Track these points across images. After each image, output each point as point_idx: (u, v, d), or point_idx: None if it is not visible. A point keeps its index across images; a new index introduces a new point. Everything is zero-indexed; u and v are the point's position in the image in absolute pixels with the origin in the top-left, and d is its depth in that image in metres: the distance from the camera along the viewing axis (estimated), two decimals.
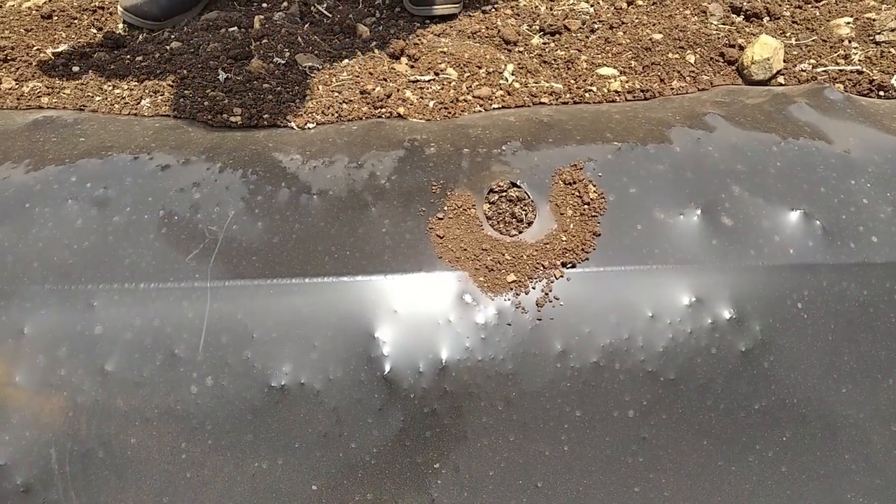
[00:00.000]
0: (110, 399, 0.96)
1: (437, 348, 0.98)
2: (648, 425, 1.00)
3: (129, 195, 1.10)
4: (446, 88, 1.45)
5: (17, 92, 1.46)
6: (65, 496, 0.96)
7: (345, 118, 1.34)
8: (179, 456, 0.97)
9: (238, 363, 0.98)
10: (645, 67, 1.51)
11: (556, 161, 1.14)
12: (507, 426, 0.99)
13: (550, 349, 1.00)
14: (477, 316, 1.00)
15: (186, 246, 1.04)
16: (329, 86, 1.43)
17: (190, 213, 1.08)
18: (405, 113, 1.36)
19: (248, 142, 1.23)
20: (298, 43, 1.53)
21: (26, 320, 0.99)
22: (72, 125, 1.30)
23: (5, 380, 0.96)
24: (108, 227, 1.06)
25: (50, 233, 1.05)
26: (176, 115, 1.35)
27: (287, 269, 1.02)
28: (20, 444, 0.95)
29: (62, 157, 1.17)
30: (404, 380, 0.97)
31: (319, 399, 0.97)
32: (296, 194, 1.11)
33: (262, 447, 0.97)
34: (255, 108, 1.35)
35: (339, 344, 0.98)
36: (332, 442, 0.97)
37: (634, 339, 1.01)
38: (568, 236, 1.05)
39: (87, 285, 1.00)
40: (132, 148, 1.19)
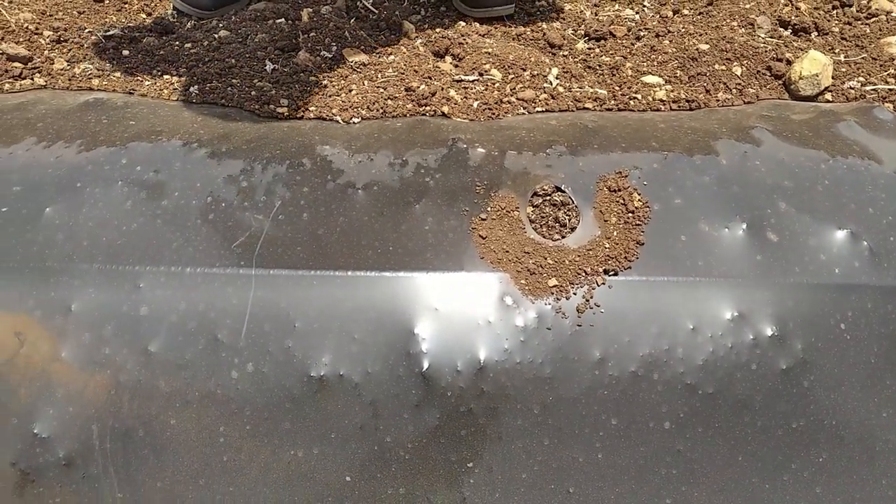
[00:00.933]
0: (152, 379, 0.98)
1: (476, 348, 0.99)
2: (684, 438, 1.00)
3: (177, 180, 1.11)
4: (490, 89, 1.45)
5: (68, 73, 1.49)
6: (104, 472, 0.98)
7: (389, 114, 1.35)
8: (217, 439, 0.98)
9: (279, 351, 0.99)
10: (691, 77, 1.50)
11: (601, 167, 1.14)
12: (543, 430, 0.99)
13: (589, 356, 1.00)
14: (517, 318, 1.00)
15: (233, 233, 1.06)
16: (374, 81, 1.44)
17: (237, 200, 1.09)
18: (449, 112, 1.37)
19: (295, 133, 1.24)
20: (345, 37, 1.54)
21: (74, 298, 1.00)
22: (122, 108, 1.32)
23: (52, 355, 0.98)
24: (156, 211, 1.07)
25: (100, 213, 1.07)
26: (224, 103, 1.37)
27: (330, 261, 1.03)
28: (63, 419, 0.97)
29: (113, 139, 1.19)
30: (442, 377, 0.98)
31: (357, 391, 0.98)
32: (341, 188, 1.12)
33: (298, 435, 0.98)
34: (301, 100, 1.37)
35: (378, 338, 0.99)
36: (367, 435, 0.98)
37: (674, 350, 1.00)
38: (611, 243, 1.05)
39: (134, 266, 1.02)
40: (181, 133, 1.21)
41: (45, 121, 1.25)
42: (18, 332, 0.99)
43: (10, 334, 0.98)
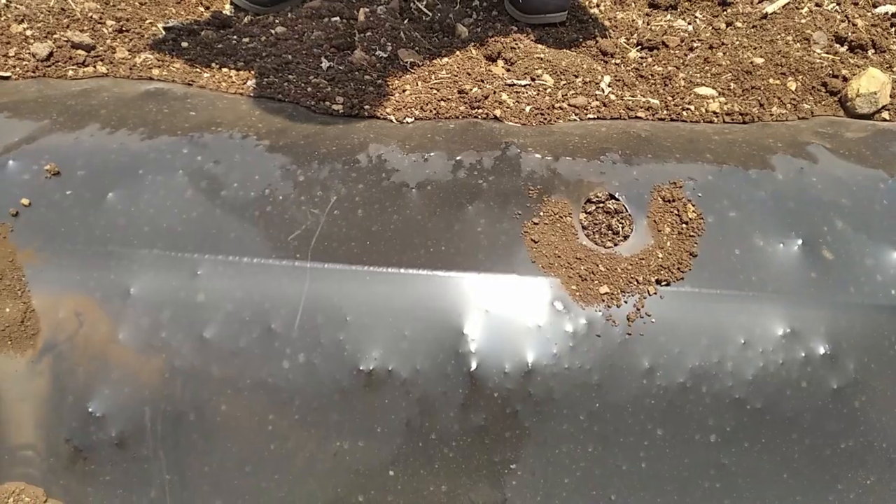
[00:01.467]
0: (206, 366, 1.00)
1: (525, 351, 0.99)
2: (729, 452, 1.00)
3: (237, 171, 1.13)
4: (542, 94, 1.46)
5: (129, 62, 1.52)
6: (154, 454, 1.00)
7: (442, 115, 1.36)
8: (266, 427, 1.00)
9: (330, 343, 1.00)
10: (745, 91, 1.49)
11: (655, 177, 1.14)
12: (588, 436, 0.99)
13: (638, 365, 0.99)
14: (567, 324, 1.00)
15: (289, 226, 1.07)
16: (428, 82, 1.45)
17: (294, 194, 1.11)
18: (501, 115, 1.37)
19: (350, 130, 1.26)
20: (400, 38, 1.56)
21: (133, 282, 1.03)
22: (182, 98, 1.35)
23: (109, 336, 1.01)
24: (215, 201, 1.10)
25: (161, 200, 1.09)
26: (280, 98, 1.39)
27: (384, 258, 1.05)
28: (118, 399, 1.00)
29: (174, 128, 1.21)
30: (490, 378, 0.99)
31: (405, 387, 0.99)
32: (395, 186, 1.13)
33: (345, 427, 1.00)
34: (356, 98, 1.38)
35: (428, 336, 1.00)
36: (413, 431, 0.99)
37: (724, 363, 1.00)
38: (664, 254, 1.04)
39: (193, 254, 1.04)
40: (240, 126, 1.23)
41: (107, 108, 1.29)
42: (79, 312, 1.01)
43: (71, 314, 1.01)
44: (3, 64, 1.48)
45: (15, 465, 1.00)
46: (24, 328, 1.00)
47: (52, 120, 1.23)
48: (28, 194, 1.09)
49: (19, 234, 1.06)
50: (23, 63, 1.49)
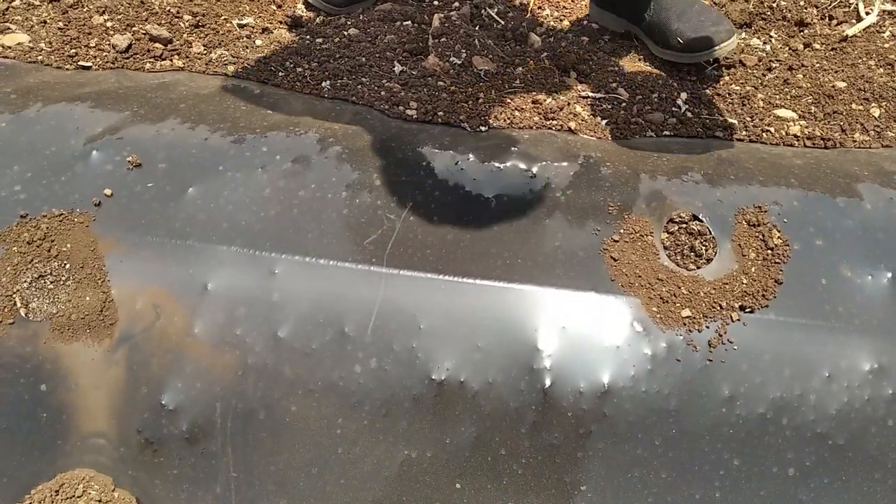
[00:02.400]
0: (279, 365, 1.00)
1: (601, 371, 0.97)
2: (807, 487, 0.96)
3: (314, 172, 1.13)
4: (617, 108, 1.44)
5: (205, 57, 1.54)
6: (222, 449, 1.00)
7: (516, 125, 1.35)
8: (335, 431, 0.99)
9: (403, 350, 1.00)
10: (826, 115, 1.45)
11: (739, 199, 1.11)
12: (662, 462, 0.97)
13: (718, 392, 0.97)
14: (646, 346, 0.98)
15: (366, 230, 1.07)
16: (501, 91, 1.44)
17: (370, 198, 1.10)
18: (576, 128, 1.35)
19: (425, 136, 1.25)
20: (475, 45, 1.55)
21: (211, 277, 1.03)
22: (258, 96, 1.36)
23: (185, 330, 1.01)
24: (293, 200, 1.10)
25: (240, 197, 1.10)
26: (354, 100, 1.39)
27: (460, 267, 1.04)
28: (190, 393, 1.00)
29: (253, 126, 1.22)
30: (564, 397, 0.97)
31: (476, 400, 0.98)
32: (471, 195, 1.12)
33: (414, 436, 0.99)
34: (430, 104, 1.38)
35: (502, 349, 0.99)
36: (482, 444, 0.98)
37: (807, 396, 0.96)
38: (749, 279, 1.02)
39: (270, 253, 1.04)
40: (317, 127, 1.23)
41: (186, 102, 1.30)
42: (156, 304, 1.02)
43: (150, 305, 1.02)
44: (85, 54, 1.51)
45: (86, 451, 1.01)
46: (103, 317, 1.02)
47: (133, 112, 1.25)
48: (110, 185, 1.11)
49: (101, 223, 1.07)
50: (103, 54, 1.52)
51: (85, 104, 1.27)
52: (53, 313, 1.01)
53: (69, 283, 1.03)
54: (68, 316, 1.02)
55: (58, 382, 1.01)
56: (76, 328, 1.01)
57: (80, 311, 1.02)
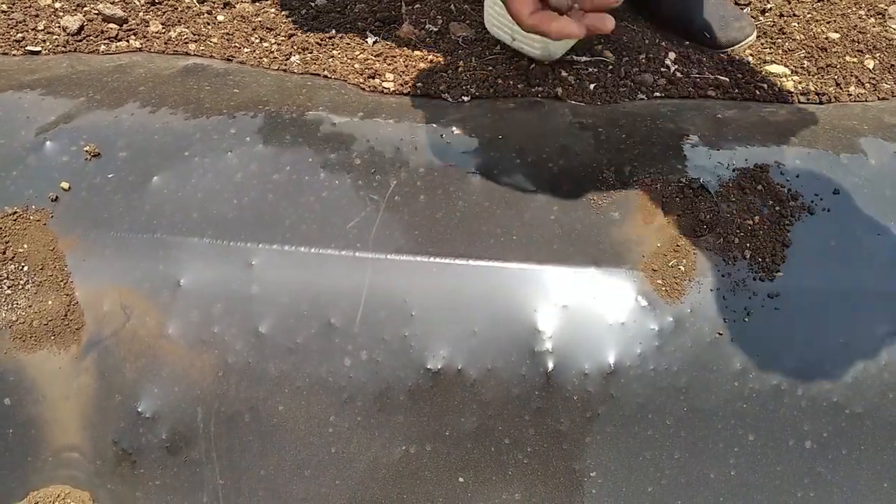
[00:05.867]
0: (262, 363, 0.93)
1: (606, 351, 0.92)
2: (825, 459, 0.92)
3: (288, 153, 1.06)
4: (604, 71, 1.37)
5: (164, 36, 1.44)
6: (206, 456, 0.94)
7: (500, 94, 1.28)
8: (326, 429, 0.93)
9: (395, 340, 0.93)
10: (819, 69, 1.39)
11: (740, 161, 1.06)
12: (674, 443, 0.92)
13: (729, 366, 0.92)
14: (652, 321, 0.93)
15: (347, 212, 1.00)
16: (482, 59, 1.36)
17: (351, 178, 1.03)
18: (563, 94, 1.29)
19: (405, 110, 1.18)
20: (451, 10, 1.47)
21: (183, 272, 0.96)
22: (223, 75, 1.27)
23: (158, 331, 0.94)
24: (267, 185, 1.02)
25: (210, 184, 1.02)
26: (327, 75, 1.31)
27: (450, 247, 0.97)
28: (168, 399, 0.93)
29: (219, 107, 1.14)
30: (568, 380, 0.91)
31: (475, 388, 0.92)
32: (459, 170, 1.05)
33: (412, 430, 0.93)
34: (407, 75, 1.30)
35: (500, 333, 0.93)
36: (484, 435, 0.92)
37: (821, 365, 0.92)
38: (756, 244, 0.96)
39: (246, 243, 0.97)
40: (289, 105, 1.15)
41: (146, 84, 1.21)
42: (125, 305, 0.95)
43: (118, 306, 0.94)
44: (33, 38, 1.41)
45: (60, 467, 0.94)
46: (68, 322, 0.94)
47: (89, 98, 1.16)
48: (68, 177, 1.02)
49: (60, 220, 0.99)
50: (52, 37, 1.42)
51: (35, 92, 1.17)
52: (13, 321, 0.94)
53: (28, 286, 0.95)
54: (30, 322, 0.94)
55: (23, 395, 0.94)
56: (39, 335, 0.94)
57: (42, 317, 0.94)
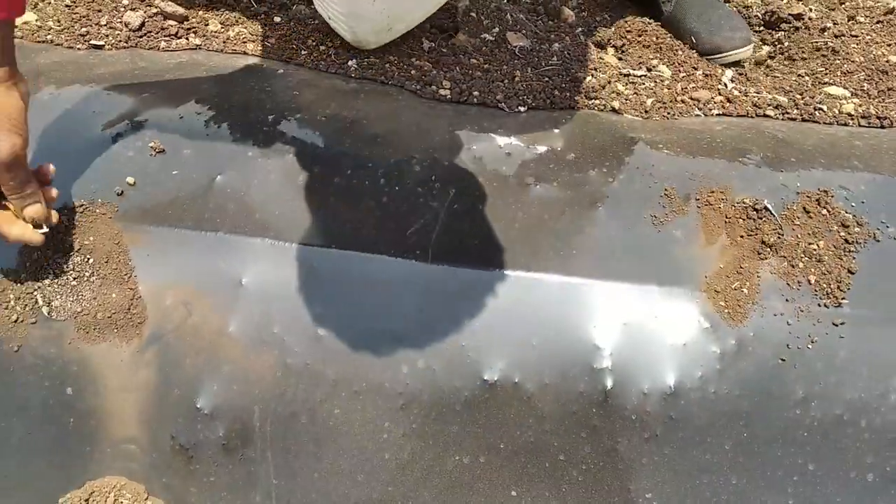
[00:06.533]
0: (320, 365, 0.94)
1: (667, 371, 0.91)
2: (889, 494, 0.91)
3: (348, 158, 1.06)
4: (660, 86, 1.36)
5: (223, 35, 1.45)
6: (262, 455, 0.94)
7: (557, 105, 1.27)
8: (381, 435, 0.93)
9: (452, 350, 0.93)
10: (880, 92, 1.37)
11: (804, 184, 1.04)
12: (732, 468, 0.91)
13: (791, 393, 0.91)
14: (714, 344, 0.92)
15: (407, 219, 1.00)
16: (538, 69, 1.36)
17: (410, 185, 1.03)
18: (620, 107, 1.28)
19: (463, 118, 1.18)
20: (507, 20, 1.47)
21: (245, 271, 0.97)
22: (282, 77, 1.28)
23: (220, 329, 0.95)
24: (329, 188, 1.03)
25: (272, 185, 1.03)
26: (383, 80, 1.31)
27: (510, 259, 0.97)
28: (227, 396, 0.94)
29: (281, 109, 1.14)
30: (627, 399, 0.91)
31: (532, 402, 0.92)
32: (518, 181, 1.05)
33: (466, 441, 0.93)
34: (464, 83, 1.30)
35: (559, 348, 0.93)
36: (539, 449, 0.92)
37: (887, 396, 0.90)
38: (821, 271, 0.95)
39: (307, 245, 0.98)
40: (348, 109, 1.16)
41: (208, 83, 1.22)
42: (187, 301, 0.96)
43: (180, 302, 0.96)
44: (97, 33, 1.43)
45: (117, 458, 0.95)
46: (131, 316, 0.95)
47: (153, 95, 1.17)
48: (133, 173, 1.04)
49: (125, 214, 1.00)
50: (115, 32, 1.43)
51: (101, 86, 1.19)
52: (78, 312, 0.95)
53: (93, 279, 0.96)
54: (94, 314, 0.95)
55: (85, 385, 0.95)
56: (102, 327, 0.95)
57: (106, 310, 0.95)
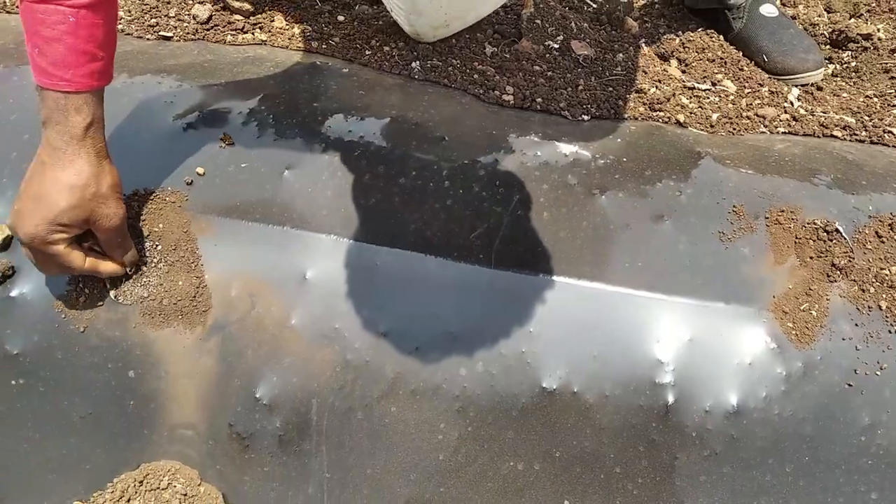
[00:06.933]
0: (379, 363, 0.94)
1: (730, 390, 0.90)
2: None
3: (414, 159, 1.07)
4: (724, 101, 1.34)
5: (287, 32, 1.47)
6: (316, 448, 0.95)
7: (620, 116, 1.27)
8: (436, 436, 0.93)
9: (512, 355, 0.93)
10: None
11: (876, 207, 1.02)
12: (791, 491, 0.89)
13: (857, 419, 0.89)
14: (780, 365, 0.90)
15: (471, 223, 1.00)
16: (602, 79, 1.35)
17: (475, 189, 1.03)
18: (685, 121, 1.27)
19: (526, 124, 1.18)
20: (571, 28, 1.46)
21: (310, 266, 0.98)
22: (347, 76, 1.29)
23: (282, 321, 0.96)
24: (393, 188, 1.03)
25: (339, 183, 1.04)
26: (447, 83, 1.32)
27: (574, 268, 0.96)
28: (286, 388, 0.95)
29: (348, 107, 1.16)
30: (688, 415, 0.90)
31: (590, 413, 0.91)
32: (583, 189, 1.04)
33: (521, 447, 0.92)
34: (527, 89, 1.30)
35: (621, 360, 0.92)
36: (595, 461, 0.91)
37: None
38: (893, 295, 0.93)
39: (371, 244, 0.98)
40: (415, 111, 1.17)
41: (275, 79, 1.24)
42: (252, 292, 0.97)
43: (245, 293, 0.97)
44: (166, 24, 1.46)
45: (174, 442, 0.97)
46: (196, 304, 0.96)
47: (222, 87, 1.19)
48: (203, 163, 1.05)
49: (194, 203, 1.02)
50: (183, 24, 1.46)
51: (172, 77, 1.21)
52: (144, 297, 0.97)
53: (161, 265, 0.98)
54: (160, 300, 0.97)
55: (147, 369, 0.97)
56: (168, 313, 0.96)
57: (172, 296, 0.97)
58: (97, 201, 0.86)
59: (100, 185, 0.86)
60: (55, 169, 0.84)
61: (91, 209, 0.86)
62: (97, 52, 0.82)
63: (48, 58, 0.79)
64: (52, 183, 0.84)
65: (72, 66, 0.80)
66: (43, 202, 0.84)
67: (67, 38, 0.79)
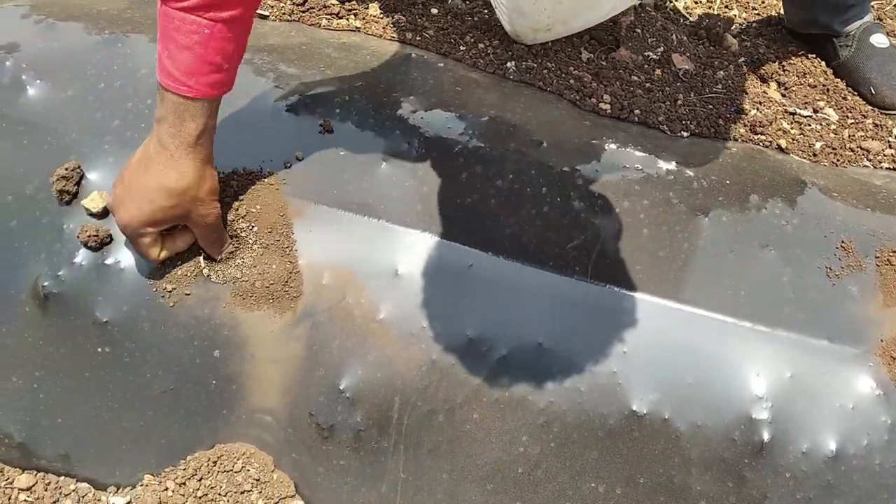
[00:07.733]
0: (465, 367, 0.93)
1: (830, 433, 0.87)
2: None
3: (511, 162, 1.05)
4: (826, 130, 1.30)
5: (382, 21, 1.46)
6: (394, 447, 0.94)
7: (720, 135, 1.23)
8: (517, 448, 0.92)
9: (603, 374, 0.91)
10: None
11: None
12: None
13: None
14: (884, 413, 0.87)
15: (568, 233, 0.98)
16: (701, 95, 1.32)
17: (573, 198, 1.01)
18: (786, 147, 1.23)
19: (624, 136, 1.15)
20: (672, 41, 1.43)
21: (402, 262, 0.97)
22: (442, 70, 1.28)
23: (371, 315, 0.95)
24: (490, 190, 1.02)
25: (435, 179, 1.02)
26: (541, 86, 1.29)
27: (674, 291, 0.94)
28: (370, 383, 0.94)
29: (445, 104, 1.14)
30: (783, 455, 0.87)
31: (680, 442, 0.89)
32: (685, 209, 1.01)
33: (604, 469, 0.90)
34: (625, 99, 1.27)
35: (717, 391, 0.89)
36: (680, 491, 0.89)
37: None
38: None
39: (466, 245, 0.97)
40: (510, 112, 1.15)
41: (372, 67, 1.23)
42: (343, 283, 0.96)
43: (335, 283, 0.96)
44: (263, 3, 1.45)
45: (251, 426, 0.97)
46: (287, 289, 0.96)
47: (320, 71, 1.18)
48: (301, 147, 1.05)
49: (291, 187, 1.01)
50: (280, 4, 1.46)
51: (271, 56, 1.21)
52: (237, 277, 0.96)
53: (256, 247, 0.98)
54: (252, 282, 0.96)
55: (232, 350, 0.97)
56: (259, 296, 0.96)
57: (264, 279, 0.96)
58: (194, 203, 0.88)
59: (199, 190, 0.87)
60: (159, 167, 0.85)
61: (187, 209, 0.88)
62: (223, 64, 0.82)
63: (176, 62, 0.80)
64: (155, 181, 0.85)
65: (195, 73, 0.81)
66: (142, 197, 0.86)
67: (198, 47, 0.79)
